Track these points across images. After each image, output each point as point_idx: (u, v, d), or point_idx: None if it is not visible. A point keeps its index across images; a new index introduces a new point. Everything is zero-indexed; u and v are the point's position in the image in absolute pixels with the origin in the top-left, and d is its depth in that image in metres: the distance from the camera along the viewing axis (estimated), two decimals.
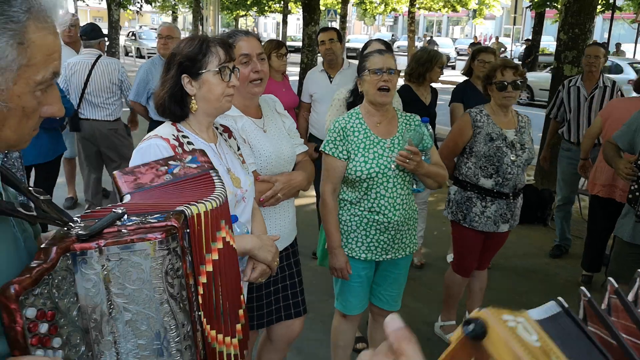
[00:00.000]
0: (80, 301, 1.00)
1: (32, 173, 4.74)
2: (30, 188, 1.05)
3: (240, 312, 1.45)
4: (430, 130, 2.74)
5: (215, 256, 1.24)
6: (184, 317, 1.07)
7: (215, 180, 1.21)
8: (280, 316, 2.60)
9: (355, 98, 2.88)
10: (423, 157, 2.68)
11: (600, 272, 4.62)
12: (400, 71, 2.74)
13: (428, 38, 34.18)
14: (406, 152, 2.62)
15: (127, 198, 1.16)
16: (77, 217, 1.07)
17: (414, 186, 2.83)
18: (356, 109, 2.80)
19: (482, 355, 0.58)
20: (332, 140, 2.71)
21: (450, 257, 4.49)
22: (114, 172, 1.28)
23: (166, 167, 1.26)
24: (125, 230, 1.03)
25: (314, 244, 5.13)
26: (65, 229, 1.03)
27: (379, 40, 4.06)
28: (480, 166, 3.36)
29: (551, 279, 4.81)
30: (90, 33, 5.15)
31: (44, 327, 0.93)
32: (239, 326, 1.40)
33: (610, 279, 0.75)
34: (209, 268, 1.21)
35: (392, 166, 2.67)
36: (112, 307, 1.02)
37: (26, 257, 1.01)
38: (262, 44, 3.20)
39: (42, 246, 0.98)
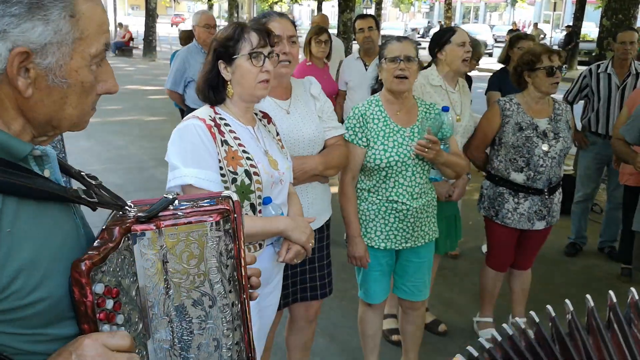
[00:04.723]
0: (139, 281, 1.04)
1: None
2: (82, 173, 1.08)
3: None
4: (450, 119, 2.70)
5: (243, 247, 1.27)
6: (235, 297, 1.11)
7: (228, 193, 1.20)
8: (304, 296, 2.63)
9: (380, 85, 2.87)
10: (442, 146, 2.65)
11: None
12: (419, 60, 2.71)
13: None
14: (425, 141, 2.59)
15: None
16: (129, 202, 1.11)
17: (432, 174, 2.81)
18: (375, 96, 2.77)
19: None
20: (352, 127, 2.68)
21: (485, 248, 4.45)
22: None
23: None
24: (181, 213, 1.07)
25: None
26: (121, 212, 1.07)
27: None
28: (509, 159, 3.24)
29: (589, 271, 4.72)
30: None
31: (109, 304, 0.97)
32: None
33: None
34: (243, 255, 1.24)
35: (412, 155, 2.64)
36: (168, 286, 1.06)
37: (85, 242, 1.04)
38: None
39: (103, 227, 1.02)
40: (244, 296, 1.14)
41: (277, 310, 2.48)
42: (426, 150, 2.58)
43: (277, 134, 2.24)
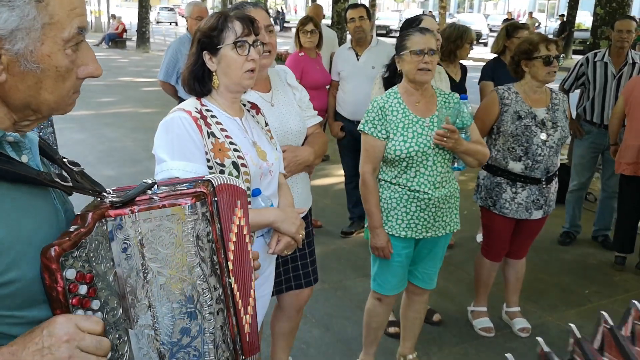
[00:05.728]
0: (116, 266, 1.04)
1: None
2: (65, 160, 1.08)
3: (251, 292, 1.45)
4: (470, 107, 2.71)
5: (236, 230, 1.27)
6: (215, 281, 1.10)
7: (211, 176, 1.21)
8: (291, 285, 2.64)
9: (393, 74, 2.84)
10: (463, 135, 2.67)
11: (634, 252, 4.53)
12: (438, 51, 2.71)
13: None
14: (443, 130, 2.61)
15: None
16: (110, 189, 1.10)
17: (455, 164, 2.83)
18: (394, 88, 2.78)
19: None
20: (371, 119, 2.70)
21: (479, 237, 4.45)
22: None
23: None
24: (156, 197, 1.07)
25: (343, 222, 5.14)
26: (99, 198, 1.07)
27: (431, 16, 3.62)
28: (508, 147, 3.24)
29: (583, 259, 4.73)
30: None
31: (83, 289, 0.96)
32: (250, 308, 1.40)
33: (635, 302, 0.67)
34: (234, 238, 1.24)
35: (432, 145, 2.66)
36: (146, 271, 1.05)
37: (66, 228, 1.04)
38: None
39: (77, 213, 1.02)
40: (229, 280, 1.13)
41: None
42: (445, 139, 2.60)
43: (266, 125, 2.22)
